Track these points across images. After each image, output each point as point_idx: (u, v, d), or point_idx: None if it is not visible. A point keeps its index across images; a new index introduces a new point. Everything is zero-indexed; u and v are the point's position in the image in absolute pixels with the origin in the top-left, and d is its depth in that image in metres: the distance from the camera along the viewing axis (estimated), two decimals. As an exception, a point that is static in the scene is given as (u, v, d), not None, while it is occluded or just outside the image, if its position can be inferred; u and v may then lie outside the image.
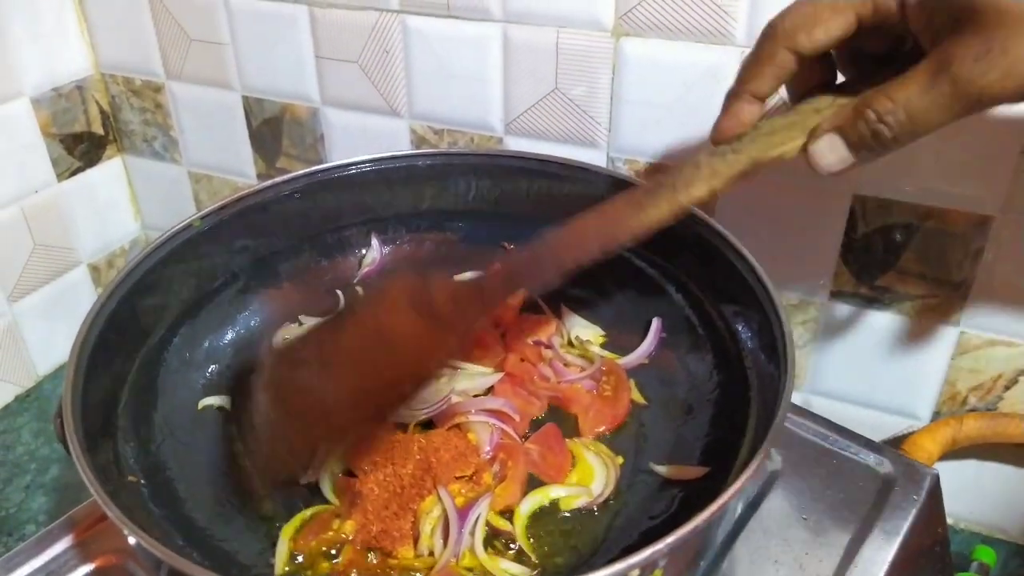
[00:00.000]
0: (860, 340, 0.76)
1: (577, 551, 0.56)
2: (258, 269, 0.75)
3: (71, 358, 0.56)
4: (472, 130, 0.83)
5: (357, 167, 0.76)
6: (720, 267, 0.64)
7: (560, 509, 0.58)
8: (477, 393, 0.65)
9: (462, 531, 0.54)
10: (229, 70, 0.92)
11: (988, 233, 0.67)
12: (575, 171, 0.73)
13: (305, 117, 0.91)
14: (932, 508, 0.63)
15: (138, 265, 0.65)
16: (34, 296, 0.98)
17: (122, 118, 1.03)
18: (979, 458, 0.77)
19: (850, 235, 0.72)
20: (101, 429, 0.57)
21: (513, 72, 0.78)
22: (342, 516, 0.57)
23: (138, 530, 0.45)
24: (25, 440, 0.93)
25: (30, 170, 0.95)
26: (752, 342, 0.62)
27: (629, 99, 0.75)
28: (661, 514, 0.57)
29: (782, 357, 0.54)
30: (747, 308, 0.61)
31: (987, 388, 0.73)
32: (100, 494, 0.47)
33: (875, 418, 0.78)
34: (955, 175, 0.66)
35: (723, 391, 0.64)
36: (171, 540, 0.53)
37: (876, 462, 0.65)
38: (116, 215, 1.08)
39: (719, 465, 0.56)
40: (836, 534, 0.60)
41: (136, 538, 0.45)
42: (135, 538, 0.45)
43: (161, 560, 0.44)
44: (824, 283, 0.75)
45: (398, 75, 0.83)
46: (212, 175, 1.02)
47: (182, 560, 0.44)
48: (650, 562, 0.43)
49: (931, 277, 0.71)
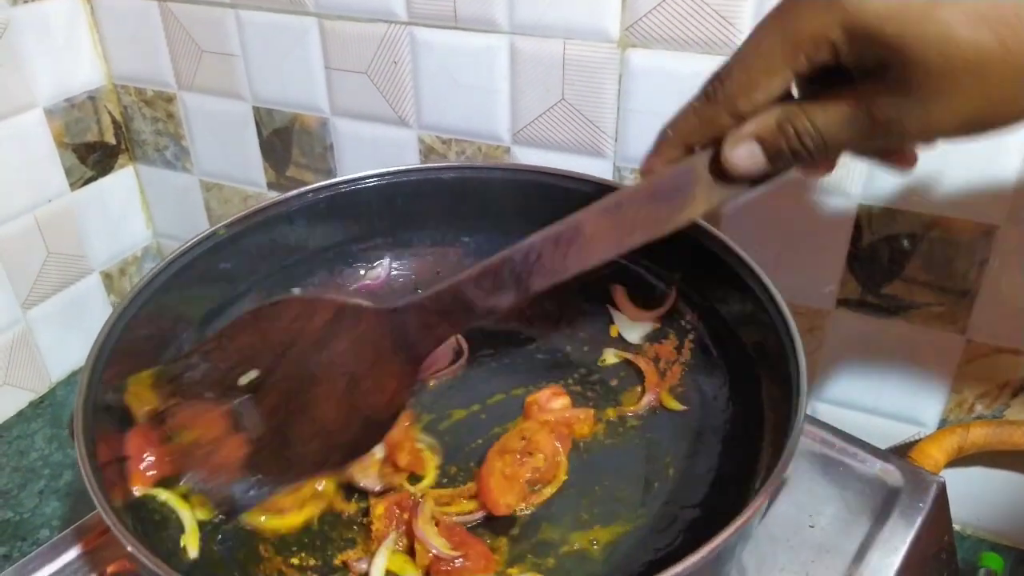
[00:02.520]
0: (866, 348, 0.76)
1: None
2: (274, 283, 0.76)
3: (87, 362, 0.56)
4: (480, 140, 0.84)
5: (368, 181, 0.76)
6: (725, 279, 0.65)
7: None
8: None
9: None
10: (240, 81, 0.93)
11: (993, 243, 0.67)
12: (586, 184, 0.74)
13: (315, 127, 0.92)
14: (938, 515, 0.64)
15: (156, 276, 0.65)
16: (47, 303, 0.99)
17: (134, 128, 1.04)
18: (986, 465, 0.77)
19: (856, 244, 0.72)
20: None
21: (520, 83, 0.79)
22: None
23: (139, 546, 0.45)
24: (39, 446, 0.94)
25: (44, 180, 0.96)
26: (762, 358, 0.61)
27: (635, 109, 0.75)
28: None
29: (794, 373, 0.54)
30: (757, 324, 0.61)
31: (994, 396, 0.73)
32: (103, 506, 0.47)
33: (881, 425, 0.78)
34: (960, 185, 0.67)
35: (734, 411, 0.64)
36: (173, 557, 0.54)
37: (882, 469, 0.65)
38: (128, 223, 1.09)
39: (732, 487, 0.56)
40: (843, 541, 0.61)
41: (135, 551, 0.45)
42: (135, 552, 0.45)
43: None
44: (830, 291, 0.75)
45: (406, 86, 0.84)
46: (223, 184, 1.03)
47: None
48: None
49: (937, 286, 0.71)
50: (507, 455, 0.60)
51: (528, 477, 0.60)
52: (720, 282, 0.66)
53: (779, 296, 0.60)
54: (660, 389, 0.68)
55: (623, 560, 0.56)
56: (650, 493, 0.61)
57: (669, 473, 0.62)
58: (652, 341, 0.72)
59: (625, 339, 0.74)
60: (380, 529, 0.56)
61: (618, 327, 0.74)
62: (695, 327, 0.70)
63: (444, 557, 0.54)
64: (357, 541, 0.58)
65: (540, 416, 0.65)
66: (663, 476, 0.62)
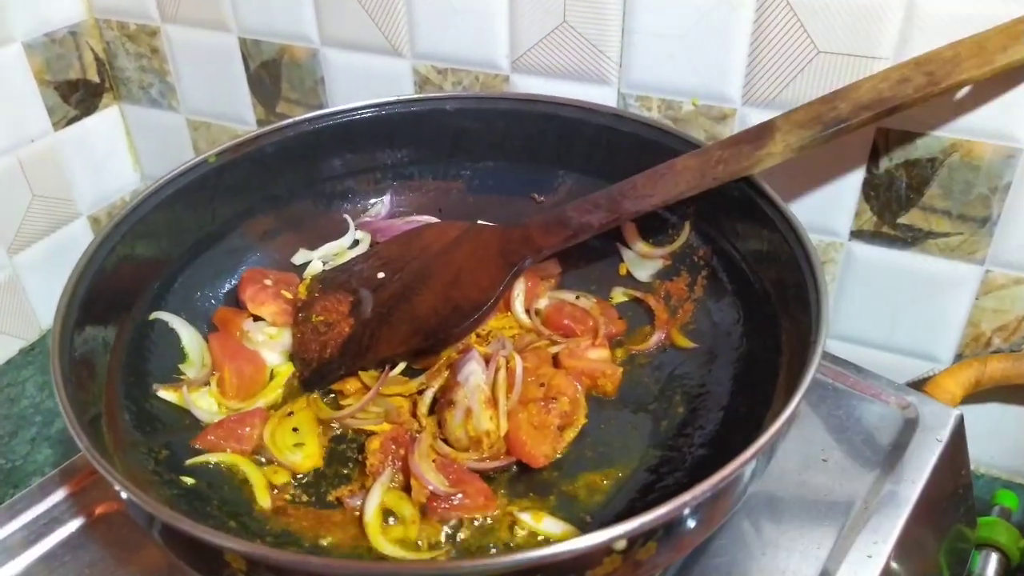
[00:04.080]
0: (881, 281, 0.73)
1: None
2: (258, 217, 0.73)
3: (61, 301, 0.54)
4: (477, 68, 0.80)
5: (363, 111, 0.74)
6: (743, 211, 0.62)
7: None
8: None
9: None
10: (225, 10, 0.89)
11: (1016, 167, 0.64)
12: (591, 114, 0.71)
13: (304, 59, 0.88)
14: (956, 450, 0.61)
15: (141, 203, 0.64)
16: (34, 248, 0.96)
17: (118, 64, 1.00)
18: (1002, 401, 0.75)
19: (872, 171, 0.69)
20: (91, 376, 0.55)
21: (519, 5, 0.75)
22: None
23: (126, 482, 0.44)
24: (30, 393, 0.92)
25: (25, 119, 0.93)
26: (780, 294, 0.59)
27: (641, 31, 0.71)
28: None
29: (814, 304, 0.52)
30: (776, 259, 0.59)
31: (1012, 329, 0.71)
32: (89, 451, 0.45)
33: (896, 361, 0.76)
34: (982, 106, 0.63)
35: (749, 340, 0.61)
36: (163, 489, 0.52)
37: (898, 402, 0.63)
38: (115, 165, 1.06)
39: (743, 424, 0.54)
40: (856, 476, 0.59)
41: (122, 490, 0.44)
42: (119, 488, 0.44)
43: (153, 516, 0.43)
44: (845, 222, 0.72)
45: (399, 12, 0.80)
46: (211, 122, 0.99)
47: (169, 512, 0.43)
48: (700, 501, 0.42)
49: (956, 214, 0.68)
50: (530, 404, 0.57)
51: (558, 423, 0.57)
52: (737, 214, 0.63)
53: (802, 228, 0.57)
54: (671, 327, 0.66)
55: (628, 496, 0.54)
56: (659, 431, 0.59)
57: (679, 411, 0.60)
58: (663, 279, 0.70)
59: (635, 277, 0.71)
60: (375, 465, 0.54)
61: (627, 265, 0.72)
62: (708, 263, 0.67)
63: (441, 494, 0.52)
64: (352, 477, 0.56)
65: (570, 362, 0.62)
66: (672, 414, 0.60)
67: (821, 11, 0.64)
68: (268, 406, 0.62)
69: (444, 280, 0.65)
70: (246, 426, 0.58)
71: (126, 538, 0.57)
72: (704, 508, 0.44)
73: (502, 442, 0.56)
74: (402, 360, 0.63)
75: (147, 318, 0.64)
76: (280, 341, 0.66)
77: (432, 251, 0.68)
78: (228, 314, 0.67)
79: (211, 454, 0.57)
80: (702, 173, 0.61)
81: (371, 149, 0.75)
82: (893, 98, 0.58)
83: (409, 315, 0.64)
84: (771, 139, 0.59)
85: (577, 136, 0.72)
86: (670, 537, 0.44)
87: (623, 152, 0.69)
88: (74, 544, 0.57)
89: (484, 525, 0.52)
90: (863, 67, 0.65)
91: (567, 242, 0.64)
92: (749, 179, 0.61)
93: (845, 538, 0.55)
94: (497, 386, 0.56)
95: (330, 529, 0.52)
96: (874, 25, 0.63)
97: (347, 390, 0.62)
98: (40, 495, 0.60)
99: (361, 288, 0.67)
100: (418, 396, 0.60)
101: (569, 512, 0.53)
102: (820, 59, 0.66)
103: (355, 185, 0.77)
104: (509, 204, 0.75)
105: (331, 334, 0.65)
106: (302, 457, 0.57)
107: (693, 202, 0.65)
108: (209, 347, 0.64)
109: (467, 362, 0.57)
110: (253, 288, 0.68)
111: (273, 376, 0.65)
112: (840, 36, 0.65)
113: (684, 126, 0.74)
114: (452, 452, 0.55)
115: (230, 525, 0.51)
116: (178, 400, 0.61)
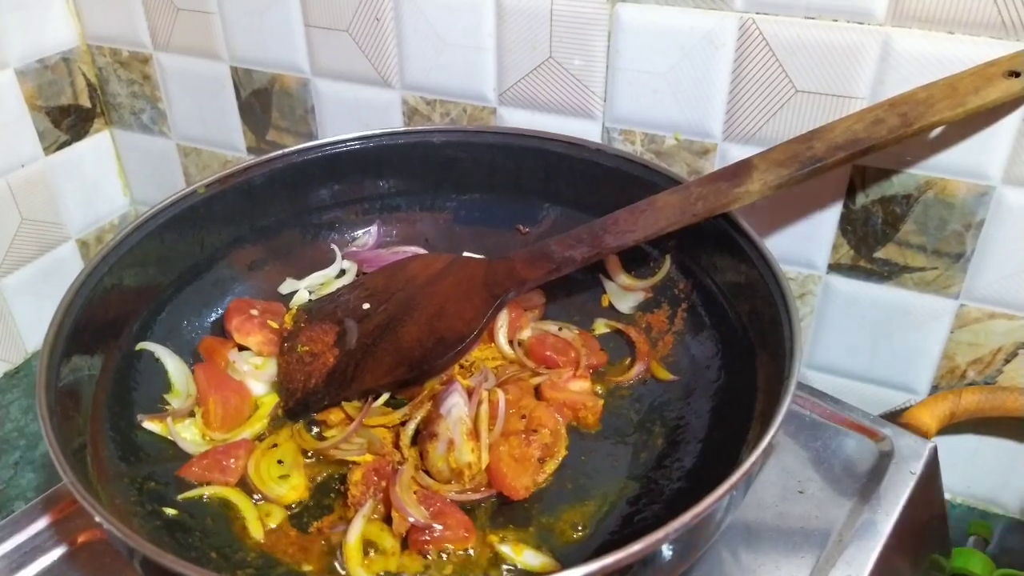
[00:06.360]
0: (859, 314, 0.75)
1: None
2: (246, 247, 0.74)
3: (49, 331, 0.54)
4: (465, 100, 0.82)
5: (352, 143, 0.75)
6: (721, 245, 0.63)
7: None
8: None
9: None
10: (217, 40, 0.90)
11: (989, 204, 0.66)
12: (573, 148, 0.72)
13: (295, 88, 0.89)
14: (930, 481, 0.63)
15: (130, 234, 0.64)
16: (22, 271, 0.96)
17: (109, 90, 1.01)
18: (977, 432, 0.76)
19: (849, 206, 0.71)
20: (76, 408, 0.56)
21: (507, 40, 0.76)
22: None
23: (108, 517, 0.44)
24: (14, 416, 0.92)
25: (16, 144, 0.93)
26: (756, 326, 0.60)
27: (625, 67, 0.73)
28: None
29: (787, 338, 0.53)
30: (751, 292, 0.60)
31: (986, 362, 0.72)
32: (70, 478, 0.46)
33: (873, 392, 0.77)
34: (956, 145, 0.65)
35: (727, 373, 0.62)
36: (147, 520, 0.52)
37: (873, 434, 0.64)
38: (105, 190, 1.06)
39: (720, 457, 0.55)
40: (832, 507, 0.60)
41: (101, 519, 0.44)
42: (101, 520, 0.44)
43: (133, 549, 0.43)
44: (823, 255, 0.74)
45: (389, 44, 0.81)
46: (201, 148, 1.00)
47: (150, 547, 0.43)
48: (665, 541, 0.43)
49: (931, 249, 0.69)
50: (511, 437, 0.58)
51: (538, 455, 0.58)
52: (716, 249, 0.65)
53: (776, 263, 0.58)
54: (651, 359, 0.67)
55: (608, 529, 0.55)
56: (638, 463, 0.59)
57: (658, 443, 0.61)
58: (644, 311, 0.71)
59: (617, 309, 0.72)
60: (356, 496, 0.54)
61: (610, 296, 0.73)
62: (688, 296, 0.68)
63: (422, 526, 0.52)
64: (334, 508, 0.56)
65: (552, 394, 0.63)
66: (651, 446, 0.60)
67: (799, 51, 0.66)
68: (253, 437, 0.62)
69: (429, 311, 0.66)
70: (231, 457, 0.58)
71: (108, 567, 0.57)
72: (681, 541, 0.45)
73: (483, 474, 0.56)
74: (386, 391, 0.63)
75: (133, 348, 0.64)
76: (266, 371, 0.67)
77: (417, 282, 0.69)
78: (214, 344, 0.68)
79: (204, 487, 0.57)
80: (682, 210, 0.62)
81: (359, 180, 0.76)
82: (867, 139, 0.60)
83: (394, 346, 0.64)
84: (749, 177, 0.61)
85: (562, 170, 0.73)
86: (648, 570, 0.44)
87: (607, 186, 0.71)
88: (56, 573, 0.57)
89: (465, 557, 0.53)
90: (840, 106, 0.67)
91: (550, 275, 0.65)
92: (727, 214, 0.62)
93: (821, 568, 0.56)
94: (479, 419, 0.57)
95: (311, 560, 0.52)
96: (850, 66, 0.65)
97: (331, 420, 0.62)
98: (23, 523, 0.60)
99: (347, 318, 0.68)
100: (401, 427, 0.60)
101: (549, 544, 0.54)
102: (798, 97, 0.68)
103: (342, 216, 0.78)
104: (495, 235, 0.76)
105: (316, 364, 0.65)
106: (287, 489, 0.57)
107: (674, 236, 0.66)
108: (195, 377, 0.65)
109: (450, 394, 0.58)
110: (239, 318, 0.68)
111: (258, 407, 0.65)
112: (817, 76, 0.66)
113: (667, 160, 0.75)
114: (434, 484, 0.56)
115: (212, 556, 0.52)
116: (163, 431, 0.61)
